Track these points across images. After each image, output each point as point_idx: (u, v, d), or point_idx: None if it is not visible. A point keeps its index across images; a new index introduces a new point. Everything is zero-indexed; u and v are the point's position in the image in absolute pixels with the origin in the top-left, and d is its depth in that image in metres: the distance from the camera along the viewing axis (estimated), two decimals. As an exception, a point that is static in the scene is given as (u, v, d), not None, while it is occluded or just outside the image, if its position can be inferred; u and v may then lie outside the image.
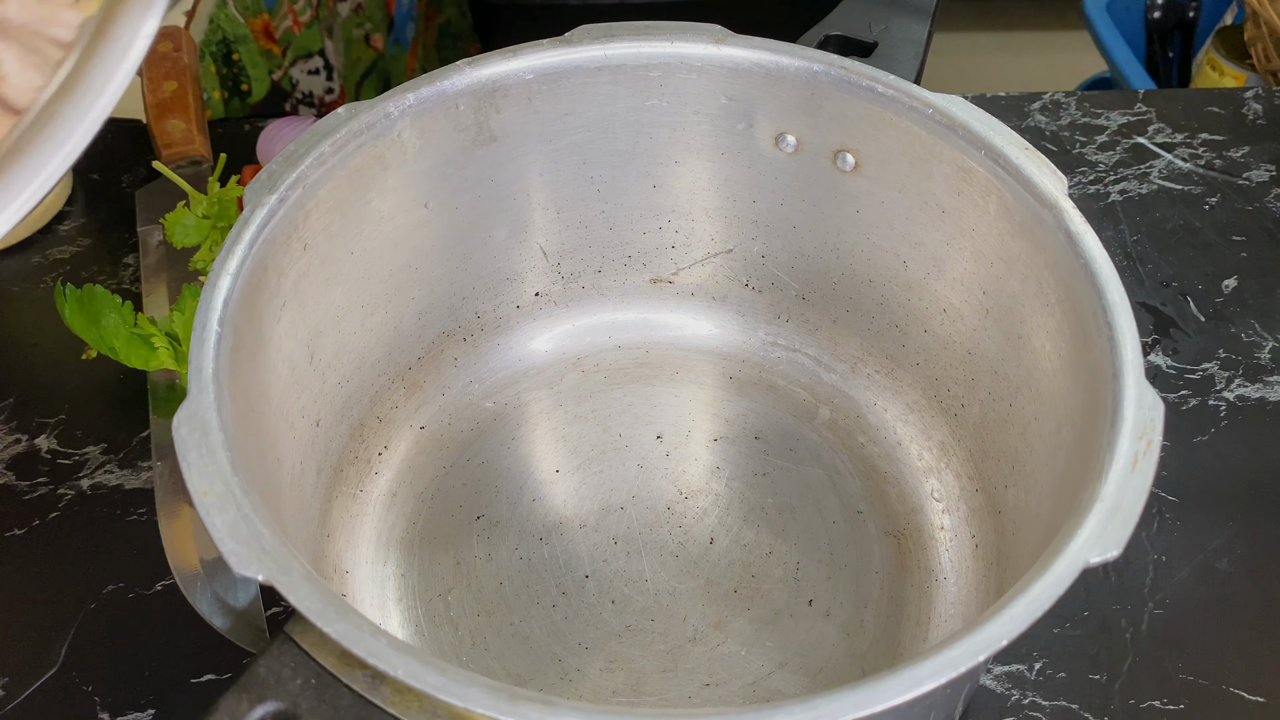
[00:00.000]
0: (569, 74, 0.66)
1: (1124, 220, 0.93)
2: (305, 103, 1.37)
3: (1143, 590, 0.71)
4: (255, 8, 1.23)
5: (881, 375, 0.74)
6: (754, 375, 0.78)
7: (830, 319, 0.76)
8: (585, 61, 0.66)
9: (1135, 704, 0.66)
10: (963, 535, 0.68)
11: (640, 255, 0.78)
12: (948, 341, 0.68)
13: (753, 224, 0.74)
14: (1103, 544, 0.45)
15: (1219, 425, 0.79)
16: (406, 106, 0.62)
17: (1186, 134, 1.00)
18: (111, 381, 0.82)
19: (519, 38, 0.67)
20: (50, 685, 0.66)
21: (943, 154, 0.62)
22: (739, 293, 0.79)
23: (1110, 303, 0.53)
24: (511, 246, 0.74)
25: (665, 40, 0.66)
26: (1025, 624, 0.43)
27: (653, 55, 0.66)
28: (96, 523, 0.74)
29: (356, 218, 0.63)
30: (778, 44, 0.65)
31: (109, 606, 0.70)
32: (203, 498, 0.46)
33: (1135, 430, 0.49)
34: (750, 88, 0.66)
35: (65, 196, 0.94)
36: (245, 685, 0.44)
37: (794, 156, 0.69)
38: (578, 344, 0.79)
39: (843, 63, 0.64)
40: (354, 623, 0.43)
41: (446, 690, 0.41)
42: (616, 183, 0.73)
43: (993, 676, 0.67)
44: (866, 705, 0.41)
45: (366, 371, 0.69)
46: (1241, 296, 0.87)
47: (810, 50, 0.65)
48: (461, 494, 0.72)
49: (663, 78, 0.67)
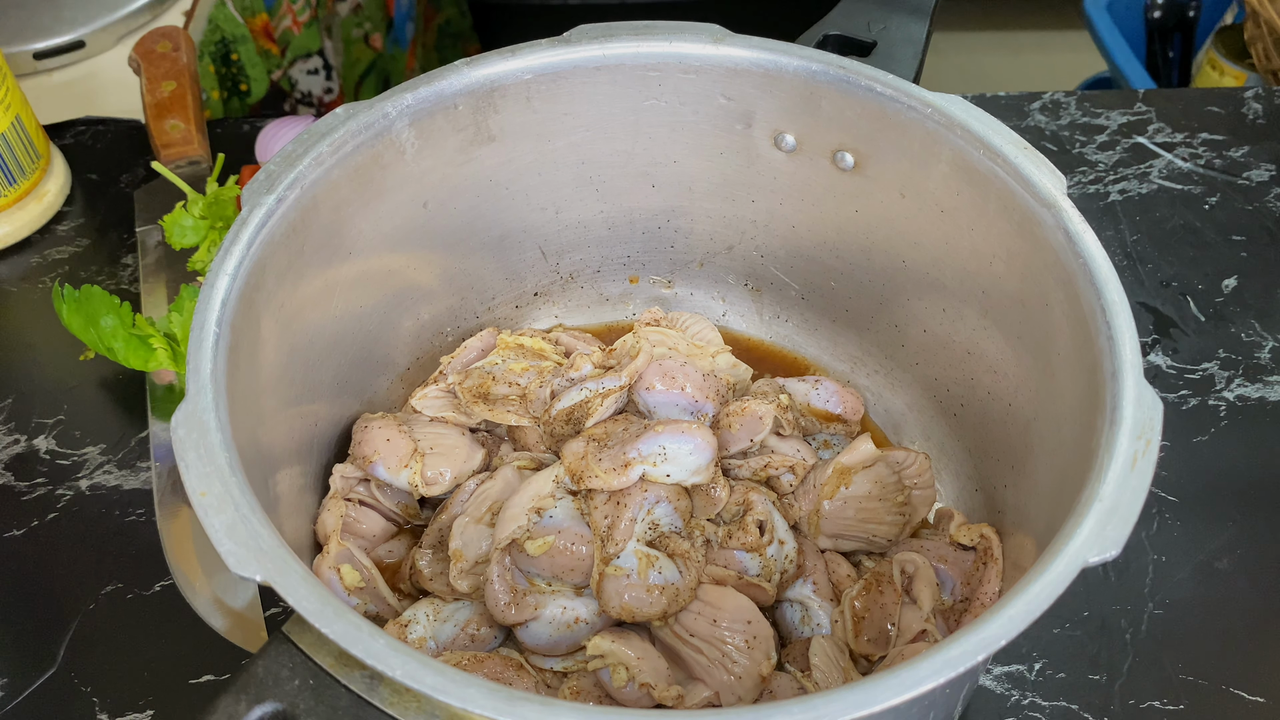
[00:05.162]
0: (568, 74, 0.66)
1: (1124, 220, 0.93)
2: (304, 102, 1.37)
3: (1143, 590, 0.71)
4: (254, 8, 1.23)
5: (881, 375, 0.74)
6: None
7: (830, 319, 0.76)
8: (584, 61, 0.66)
9: (1135, 704, 0.66)
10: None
11: (639, 255, 0.78)
12: (947, 341, 0.68)
13: (751, 224, 0.74)
14: (1102, 544, 0.45)
15: (1219, 425, 0.79)
16: (405, 107, 0.62)
17: (1186, 134, 1.00)
18: (110, 382, 0.82)
19: (518, 37, 0.67)
20: (50, 685, 0.66)
21: (942, 153, 0.62)
22: (738, 293, 0.78)
23: (1109, 302, 0.53)
24: (510, 246, 0.74)
25: (664, 40, 0.66)
26: (1024, 624, 0.43)
27: (651, 55, 0.66)
28: (95, 523, 0.74)
29: (354, 218, 0.63)
30: (776, 43, 0.65)
31: (108, 607, 0.70)
32: (201, 498, 0.46)
33: (1134, 430, 0.49)
34: (749, 87, 0.66)
35: (64, 196, 0.94)
36: (243, 686, 0.44)
37: (793, 156, 0.69)
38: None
39: (842, 62, 0.64)
40: (352, 623, 0.43)
41: (445, 691, 0.41)
42: (615, 183, 0.73)
43: (992, 677, 0.67)
44: (866, 705, 0.41)
45: (365, 371, 0.69)
46: (1241, 296, 0.87)
47: (809, 50, 0.65)
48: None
49: (661, 77, 0.67)
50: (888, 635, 0.59)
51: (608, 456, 0.61)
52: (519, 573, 0.60)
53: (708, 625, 0.58)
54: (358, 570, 0.60)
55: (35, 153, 0.91)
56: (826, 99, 0.64)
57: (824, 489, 0.64)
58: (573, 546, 0.59)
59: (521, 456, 0.66)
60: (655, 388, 0.64)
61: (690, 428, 0.61)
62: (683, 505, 0.61)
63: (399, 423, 0.65)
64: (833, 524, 0.64)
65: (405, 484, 0.64)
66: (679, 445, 0.60)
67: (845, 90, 0.64)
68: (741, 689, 0.56)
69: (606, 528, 0.59)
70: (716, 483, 0.62)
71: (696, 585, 0.59)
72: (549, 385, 0.66)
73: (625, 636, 0.57)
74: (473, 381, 0.68)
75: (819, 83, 0.64)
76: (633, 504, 0.59)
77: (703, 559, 0.60)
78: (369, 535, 0.64)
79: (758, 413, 0.64)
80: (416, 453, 0.64)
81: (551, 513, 0.60)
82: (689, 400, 0.64)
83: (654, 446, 0.60)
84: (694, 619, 0.58)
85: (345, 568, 0.60)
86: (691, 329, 0.74)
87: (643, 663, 0.56)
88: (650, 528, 0.60)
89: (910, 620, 0.59)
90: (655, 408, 0.65)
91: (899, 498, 0.65)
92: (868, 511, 0.64)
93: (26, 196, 0.91)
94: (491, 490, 0.63)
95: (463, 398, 0.67)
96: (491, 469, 0.66)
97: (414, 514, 0.66)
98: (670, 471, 0.60)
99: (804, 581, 0.62)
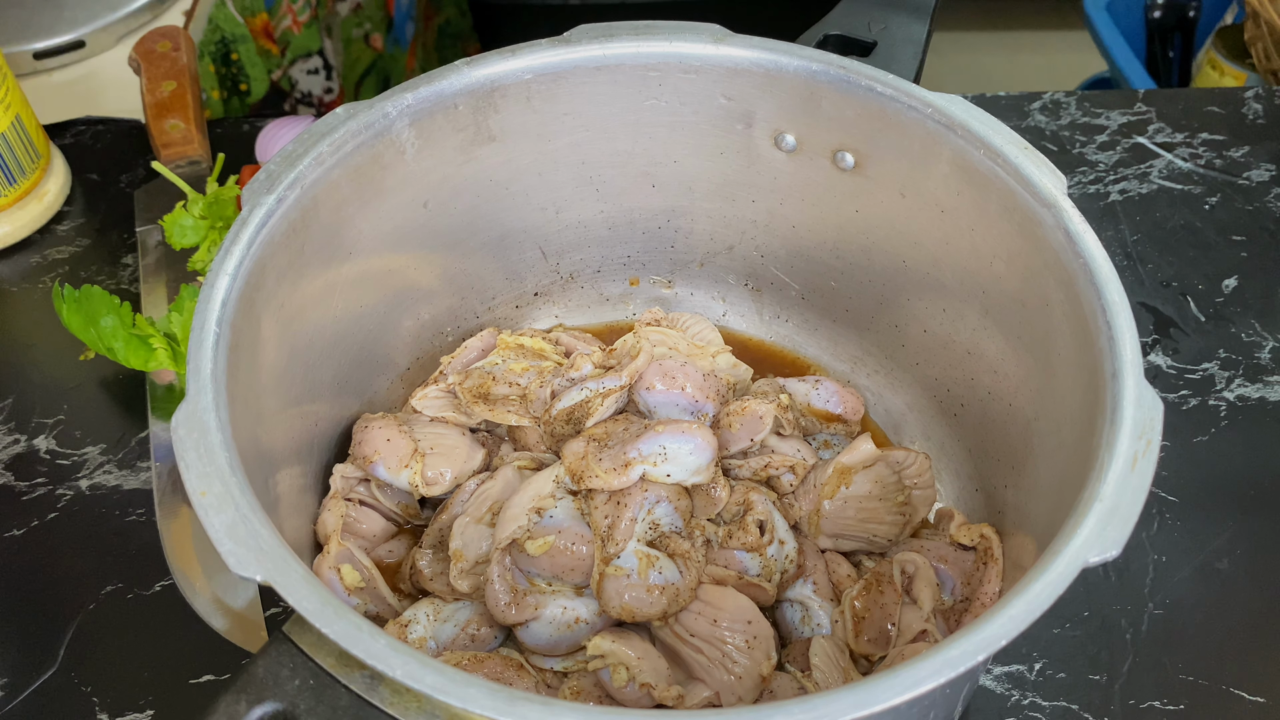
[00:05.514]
0: (568, 74, 0.66)
1: (1124, 220, 0.93)
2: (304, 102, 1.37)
3: (1143, 590, 0.71)
4: (254, 7, 1.23)
5: (881, 375, 0.74)
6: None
7: (830, 319, 0.76)
8: (584, 61, 0.66)
9: (1135, 704, 0.66)
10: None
11: (639, 255, 0.78)
12: (948, 341, 0.68)
13: (752, 224, 0.74)
14: (1102, 544, 0.45)
15: (1219, 425, 0.79)
16: (405, 106, 0.62)
17: (1186, 134, 1.00)
18: (110, 382, 0.82)
19: (518, 37, 0.67)
20: (50, 685, 0.66)
21: (942, 153, 0.62)
22: (739, 293, 0.78)
23: (1110, 302, 0.53)
24: (510, 246, 0.74)
25: (664, 40, 0.66)
26: (1025, 624, 0.43)
27: (651, 55, 0.66)
28: (95, 523, 0.74)
29: (354, 218, 0.63)
30: (776, 43, 0.65)
31: (108, 607, 0.70)
32: (201, 498, 0.46)
33: (1135, 430, 0.49)
34: (749, 87, 0.66)
35: (64, 196, 0.94)
36: (243, 686, 0.43)
37: (793, 156, 0.69)
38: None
39: (842, 62, 0.64)
40: (352, 623, 0.43)
41: (445, 691, 0.41)
42: (615, 182, 0.73)
43: (993, 677, 0.67)
44: (865, 705, 0.41)
45: (365, 371, 0.69)
46: (1241, 296, 0.87)
47: (809, 50, 0.65)
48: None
49: (661, 77, 0.67)
50: (888, 635, 0.59)
51: (608, 456, 0.61)
52: (519, 573, 0.60)
53: (708, 625, 0.58)
54: (358, 570, 0.60)
55: (35, 152, 0.91)
56: (827, 99, 0.64)
57: (824, 489, 0.64)
58: (573, 546, 0.59)
59: (522, 456, 0.66)
60: (655, 388, 0.64)
61: (690, 428, 0.61)
62: (683, 505, 0.61)
63: (399, 423, 0.65)
64: (833, 524, 0.64)
65: (405, 484, 0.64)
66: (679, 445, 0.60)
67: (845, 90, 0.64)
68: (742, 689, 0.56)
69: (607, 528, 0.59)
70: (717, 483, 0.62)
71: (697, 585, 0.59)
72: (549, 385, 0.66)
73: (625, 636, 0.57)
74: (473, 382, 0.68)
75: (819, 83, 0.64)
76: (633, 504, 0.59)
77: (703, 559, 0.60)
78: (369, 535, 0.64)
79: (758, 412, 0.64)
80: (417, 453, 0.64)
81: (552, 513, 0.60)
82: (689, 400, 0.64)
83: (654, 446, 0.60)
84: (694, 619, 0.58)
85: (345, 568, 0.60)
86: (692, 329, 0.74)
87: (643, 663, 0.56)
88: (650, 528, 0.60)
89: (910, 620, 0.59)
90: (655, 408, 0.65)
91: (899, 498, 0.65)
92: (868, 511, 0.64)
93: (26, 196, 0.91)
94: (492, 490, 0.63)
95: (463, 398, 0.67)
96: (492, 469, 0.66)
97: (414, 514, 0.66)
98: (670, 471, 0.60)
99: (804, 581, 0.62)
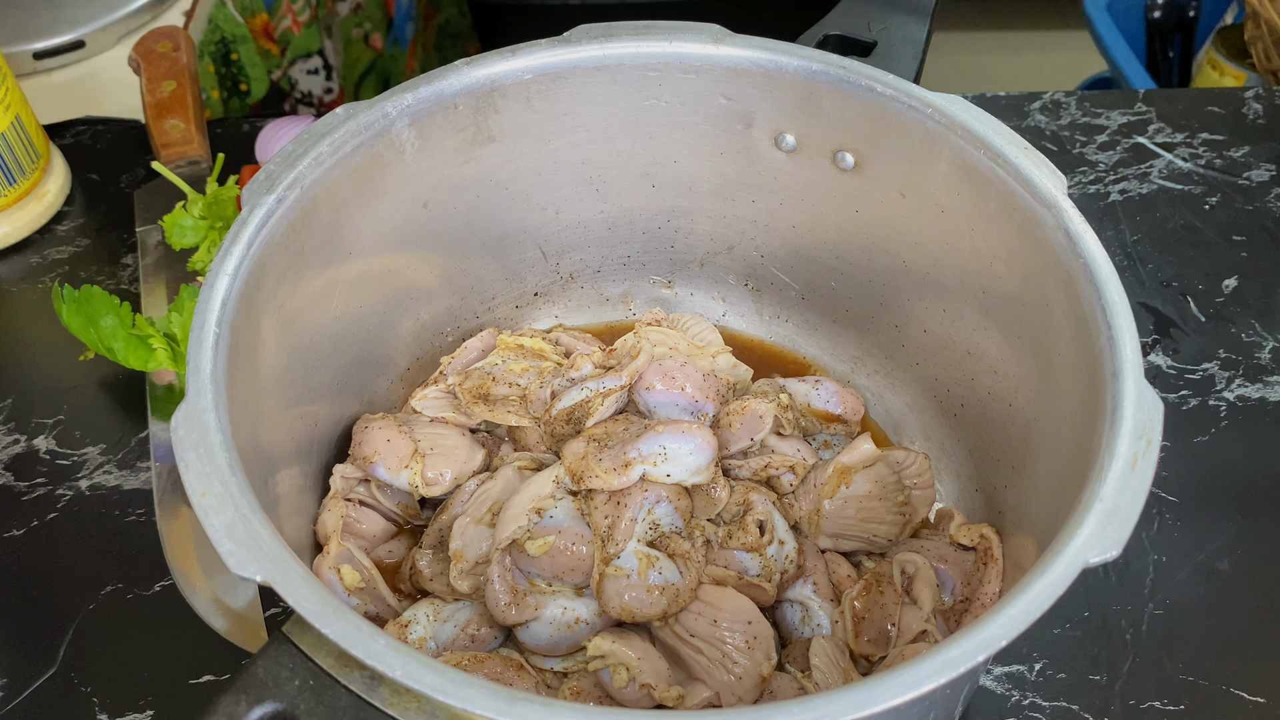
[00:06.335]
0: (568, 74, 0.66)
1: (1124, 220, 0.93)
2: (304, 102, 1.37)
3: (1143, 590, 0.71)
4: (254, 7, 1.23)
5: (881, 375, 0.74)
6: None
7: (830, 319, 0.76)
8: (584, 61, 0.66)
9: (1135, 704, 0.66)
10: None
11: (639, 255, 0.78)
12: (948, 341, 0.68)
13: (752, 224, 0.74)
14: (1102, 544, 0.45)
15: (1219, 425, 0.79)
16: (405, 107, 0.62)
17: (1186, 134, 1.00)
18: (110, 382, 0.82)
19: (518, 37, 0.67)
20: (49, 686, 0.66)
21: (942, 154, 0.62)
22: (738, 293, 0.78)
23: (1110, 302, 0.53)
24: (510, 246, 0.74)
25: (664, 40, 0.66)
26: (1025, 624, 0.43)
27: (651, 55, 0.66)
28: (95, 523, 0.74)
29: (354, 218, 0.63)
30: (776, 43, 0.65)
31: (108, 607, 0.70)
32: (200, 498, 0.46)
33: (1135, 430, 0.49)
34: (749, 87, 0.66)
35: (64, 196, 0.94)
36: (243, 686, 0.43)
37: (793, 156, 0.69)
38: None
39: (842, 62, 0.64)
40: (352, 624, 0.43)
41: (445, 691, 0.41)
42: (615, 183, 0.73)
43: (993, 677, 0.67)
44: (866, 705, 0.41)
45: (365, 372, 0.69)
46: (1241, 296, 0.87)
47: (809, 50, 0.65)
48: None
49: (661, 77, 0.67)
50: (888, 636, 0.59)
51: (608, 456, 0.61)
52: (519, 573, 0.60)
53: (708, 625, 0.58)
54: (358, 570, 0.60)
55: (35, 153, 0.91)
56: (827, 99, 0.64)
57: (824, 489, 0.64)
58: (573, 546, 0.59)
59: (522, 457, 0.66)
60: (655, 388, 0.64)
61: (690, 428, 0.61)
62: (683, 505, 0.61)
63: (399, 423, 0.65)
64: (833, 524, 0.64)
65: (405, 484, 0.64)
66: (679, 445, 0.60)
67: (845, 90, 0.64)
68: (742, 689, 0.56)
69: (607, 528, 0.59)
70: (717, 483, 0.62)
71: (697, 585, 0.59)
72: (549, 385, 0.66)
73: (626, 637, 0.57)
74: (473, 382, 0.68)
75: (819, 83, 0.64)
76: (633, 504, 0.59)
77: (703, 559, 0.60)
78: (369, 535, 0.64)
79: (758, 411, 0.64)
80: (417, 453, 0.64)
81: (552, 513, 0.60)
82: (689, 400, 0.64)
83: (654, 446, 0.60)
84: (694, 619, 0.58)
85: (345, 568, 0.60)
86: (692, 329, 0.74)
87: (643, 663, 0.56)
88: (650, 528, 0.60)
89: (910, 620, 0.59)
90: (655, 408, 0.65)
91: (899, 498, 0.65)
92: (868, 511, 0.64)
93: (26, 196, 0.91)
94: (492, 490, 0.63)
95: (463, 398, 0.67)
96: (492, 469, 0.66)
97: (414, 514, 0.66)
98: (670, 471, 0.60)
99: (804, 582, 0.62)
